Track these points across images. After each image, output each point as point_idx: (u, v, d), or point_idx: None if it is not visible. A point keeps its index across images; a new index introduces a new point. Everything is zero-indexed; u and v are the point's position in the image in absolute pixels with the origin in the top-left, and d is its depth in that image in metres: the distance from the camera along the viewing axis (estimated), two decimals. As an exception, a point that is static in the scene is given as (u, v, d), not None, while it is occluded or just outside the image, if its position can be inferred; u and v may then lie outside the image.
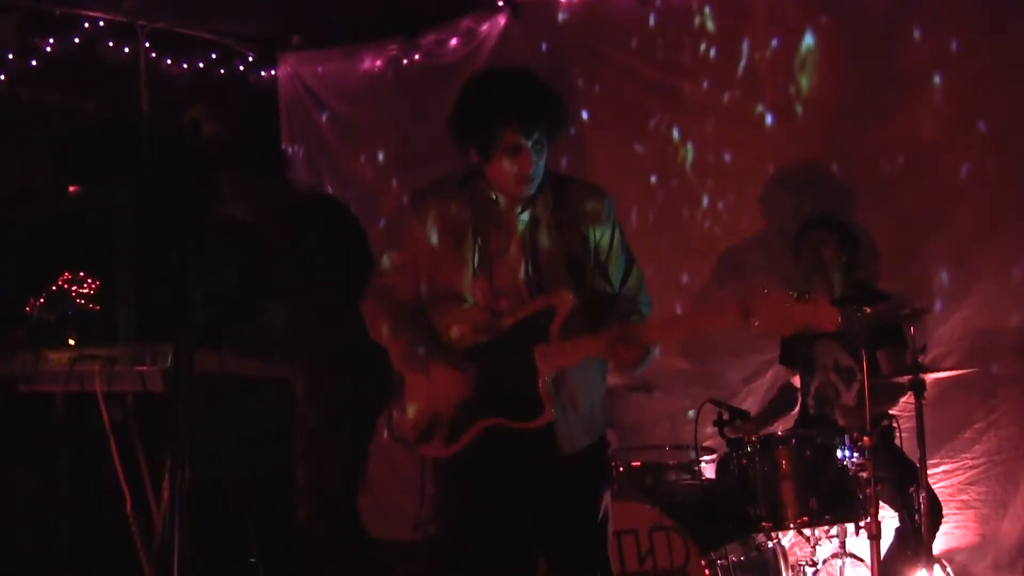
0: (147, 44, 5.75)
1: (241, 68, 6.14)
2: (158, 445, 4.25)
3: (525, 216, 3.06)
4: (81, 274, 4.98)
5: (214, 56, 6.02)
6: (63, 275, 4.93)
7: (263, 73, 6.22)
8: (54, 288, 4.87)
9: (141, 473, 4.00)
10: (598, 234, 3.08)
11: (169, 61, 5.87)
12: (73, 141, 5.50)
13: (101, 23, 5.57)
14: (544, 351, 2.97)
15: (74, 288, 4.92)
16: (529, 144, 2.94)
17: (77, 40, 5.52)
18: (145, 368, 4.09)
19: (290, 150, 6.07)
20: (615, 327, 2.96)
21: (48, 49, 5.50)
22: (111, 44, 5.63)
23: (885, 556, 4.12)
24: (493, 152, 2.95)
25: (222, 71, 6.05)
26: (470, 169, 3.10)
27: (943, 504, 4.32)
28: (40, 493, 4.57)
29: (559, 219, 3.05)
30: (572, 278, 3.02)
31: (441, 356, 3.07)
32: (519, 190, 3.01)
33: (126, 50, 5.69)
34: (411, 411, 3.17)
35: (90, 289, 4.98)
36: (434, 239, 3.09)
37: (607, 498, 3.15)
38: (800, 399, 4.60)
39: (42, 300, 4.81)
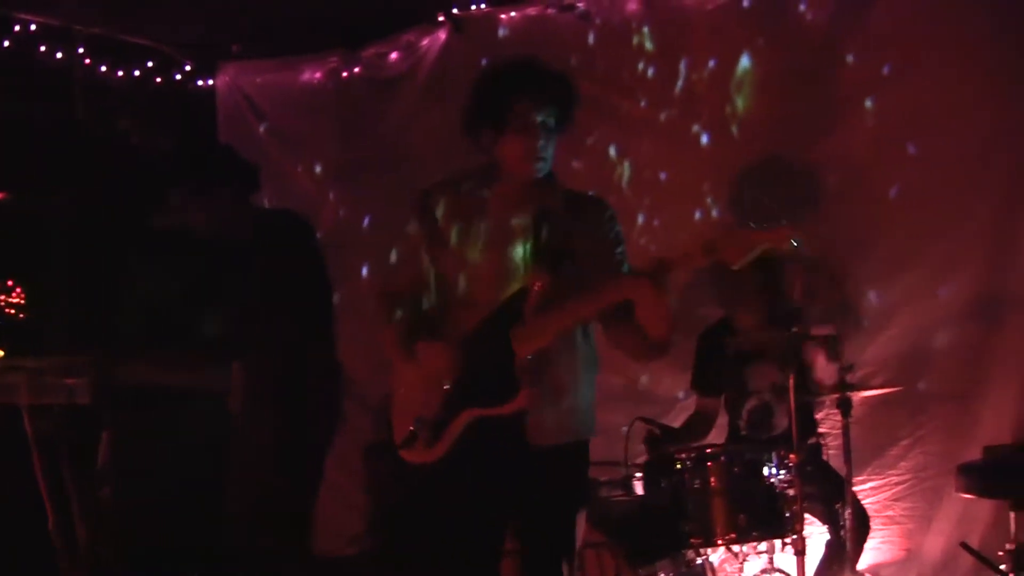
0: (81, 50, 5.67)
1: (178, 77, 6.07)
2: (87, 459, 4.18)
3: (532, 212, 3.08)
4: (9, 283, 4.90)
5: (151, 64, 5.95)
6: (-9, 284, 4.84)
7: (201, 82, 6.16)
8: (-20, 297, 4.78)
9: (66, 489, 3.93)
10: (604, 236, 3.12)
11: (104, 68, 5.79)
12: (3, 147, 5.40)
13: (33, 27, 5.48)
14: (518, 332, 2.97)
15: (2, 297, 4.84)
16: (539, 120, 2.99)
17: (7, 44, 5.43)
18: (73, 380, 4.01)
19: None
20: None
21: (-22, 53, 5.41)
22: (44, 49, 5.54)
23: (816, 569, 4.19)
24: (505, 126, 3.00)
25: (159, 79, 5.98)
26: (478, 166, 3.14)
27: (870, 519, 4.38)
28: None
29: (568, 222, 3.07)
30: (576, 271, 3.01)
31: (435, 340, 3.06)
32: (528, 169, 3.03)
33: (59, 55, 5.60)
34: (398, 416, 3.16)
35: (19, 298, 4.90)
36: (438, 234, 3.13)
37: (581, 518, 3.10)
38: (729, 421, 4.64)
39: (-32, 310, 4.72)
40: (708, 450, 4.16)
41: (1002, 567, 4.09)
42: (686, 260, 2.89)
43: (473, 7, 5.51)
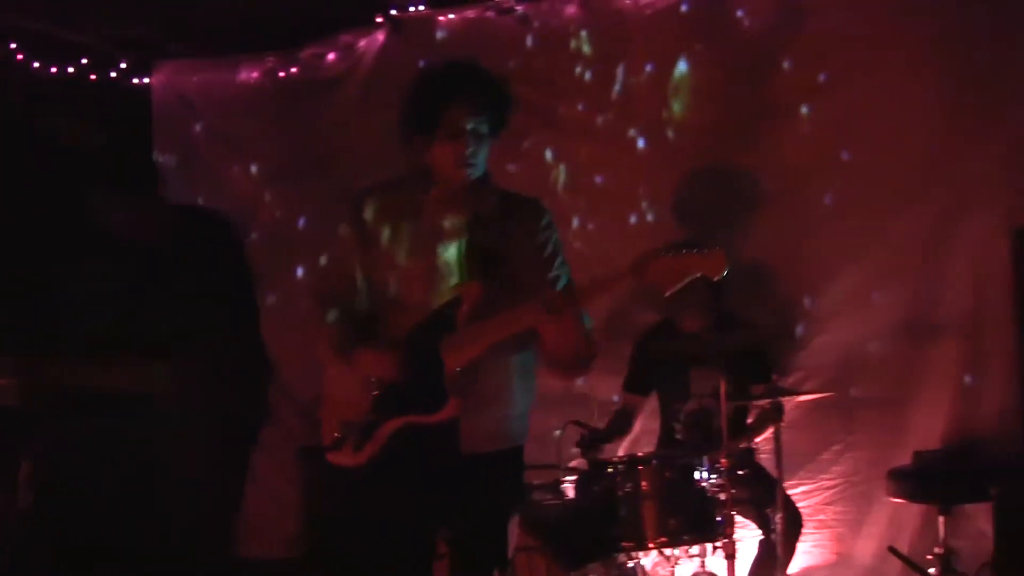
0: (14, 45, 5.56)
1: (114, 74, 5.97)
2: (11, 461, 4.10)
3: (466, 216, 3.07)
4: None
5: (86, 61, 5.84)
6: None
7: (136, 80, 6.06)
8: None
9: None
10: (537, 242, 3.10)
11: (38, 64, 5.68)
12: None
13: (-38, 21, 5.36)
14: (449, 342, 2.96)
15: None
16: (469, 127, 2.99)
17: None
18: (3, 381, 3.94)
19: (161, 160, 5.92)
20: (540, 297, 2.90)
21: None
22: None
23: (749, 570, 4.25)
24: (435, 133, 3.00)
25: (93, 77, 5.88)
26: (409, 171, 3.13)
27: (803, 520, 4.40)
28: None
29: (501, 226, 3.07)
30: (507, 277, 3.01)
31: (369, 343, 3.05)
32: (458, 174, 3.03)
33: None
34: (327, 418, 3.14)
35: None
36: (371, 237, 3.11)
37: (514, 523, 3.12)
38: (662, 424, 4.65)
39: None
40: (640, 454, 4.17)
41: (930, 571, 4.14)
42: (616, 282, 2.93)
43: (411, 9, 5.48)
